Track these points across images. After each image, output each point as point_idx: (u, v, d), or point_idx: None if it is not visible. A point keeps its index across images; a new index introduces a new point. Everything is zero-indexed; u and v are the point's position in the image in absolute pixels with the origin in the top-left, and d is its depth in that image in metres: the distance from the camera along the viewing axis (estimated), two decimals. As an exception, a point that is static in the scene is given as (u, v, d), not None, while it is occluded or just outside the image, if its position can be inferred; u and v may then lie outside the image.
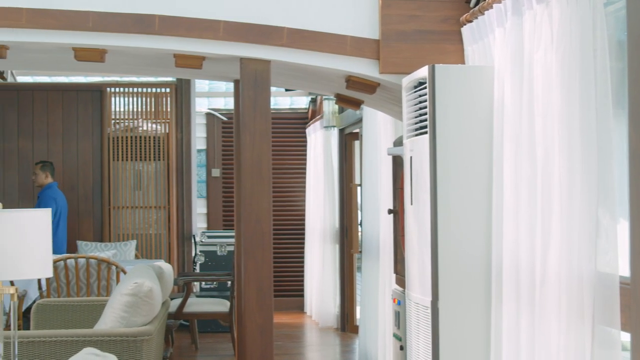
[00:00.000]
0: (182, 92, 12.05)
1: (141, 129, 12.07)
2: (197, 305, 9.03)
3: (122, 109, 12.07)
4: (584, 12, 3.68)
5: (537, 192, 3.97)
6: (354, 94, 6.15)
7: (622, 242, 3.61)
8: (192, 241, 11.92)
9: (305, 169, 12.68)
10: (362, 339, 8.78)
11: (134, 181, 12.02)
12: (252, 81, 5.47)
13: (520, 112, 4.22)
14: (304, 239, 12.59)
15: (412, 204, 4.95)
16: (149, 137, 12.07)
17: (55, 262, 8.00)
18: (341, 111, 10.93)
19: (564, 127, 3.74)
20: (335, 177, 11.27)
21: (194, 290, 11.11)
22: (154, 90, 12.08)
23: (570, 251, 3.66)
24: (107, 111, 11.96)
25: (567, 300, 3.66)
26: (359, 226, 10.49)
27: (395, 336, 5.63)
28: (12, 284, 6.57)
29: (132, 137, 12.04)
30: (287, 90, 11.72)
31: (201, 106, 13.05)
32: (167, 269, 6.95)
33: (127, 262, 9.78)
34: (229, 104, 13.07)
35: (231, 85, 6.88)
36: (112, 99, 12.05)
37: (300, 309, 12.65)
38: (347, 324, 10.89)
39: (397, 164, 5.73)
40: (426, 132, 4.69)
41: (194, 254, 11.77)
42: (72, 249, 11.38)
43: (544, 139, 3.91)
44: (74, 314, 6.79)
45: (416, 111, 4.86)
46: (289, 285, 12.79)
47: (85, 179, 11.90)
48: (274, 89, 11.55)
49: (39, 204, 10.60)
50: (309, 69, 5.63)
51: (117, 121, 12.05)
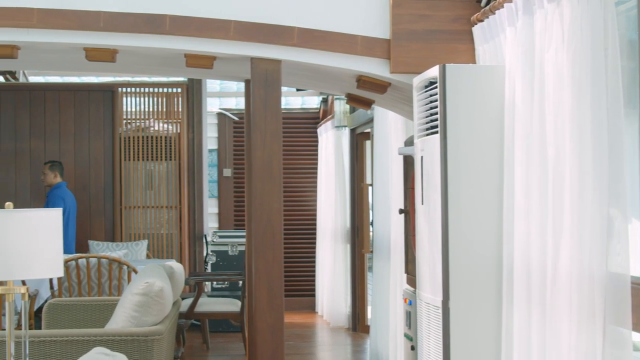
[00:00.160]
0: (193, 92, 12.05)
1: (152, 129, 12.08)
2: (209, 305, 9.03)
3: (133, 109, 12.08)
4: (595, 12, 3.67)
5: (548, 191, 3.96)
6: (365, 93, 6.15)
7: (634, 242, 3.60)
8: (204, 241, 11.92)
9: (316, 168, 12.68)
10: (373, 338, 8.77)
11: (146, 181, 12.03)
12: (262, 81, 5.47)
13: (531, 111, 4.20)
14: (315, 238, 12.59)
15: (422, 204, 4.95)
16: (161, 137, 12.08)
17: (66, 261, 8.01)
18: (352, 111, 10.92)
19: (575, 126, 3.73)
20: (346, 176, 11.27)
21: (206, 290, 11.12)
22: (166, 90, 12.09)
23: (581, 251, 3.65)
24: (118, 111, 11.97)
25: (578, 300, 3.65)
26: (370, 226, 10.48)
27: (406, 336, 5.63)
28: (23, 283, 6.59)
29: (143, 137, 12.05)
30: (298, 90, 11.73)
31: (212, 106, 13.06)
32: (178, 268, 6.95)
33: (139, 262, 9.78)
34: (240, 103, 13.08)
35: (242, 84, 6.88)
36: (124, 99, 12.06)
37: (311, 308, 12.65)
38: (358, 324, 10.88)
39: (408, 163, 5.72)
40: (437, 132, 4.68)
41: (205, 254, 11.78)
42: (84, 249, 11.39)
43: (555, 139, 3.90)
44: (85, 314, 6.79)
45: (427, 111, 4.85)
46: (301, 285, 12.79)
47: (96, 179, 11.91)
48: (285, 89, 11.55)
49: (48, 204, 10.61)
50: (319, 68, 5.63)
51: (129, 121, 12.06)
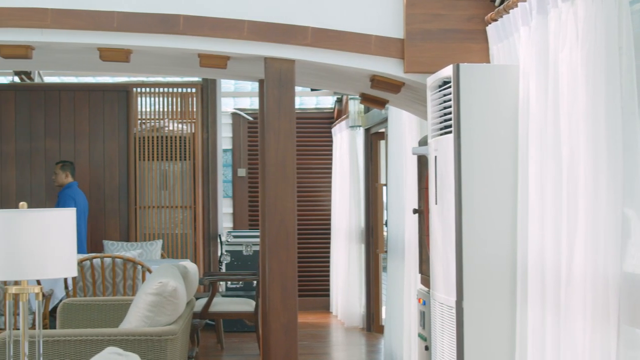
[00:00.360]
0: (207, 92, 12.07)
1: (167, 128, 12.10)
2: (223, 304, 9.04)
3: (148, 109, 12.11)
4: (610, 11, 3.65)
5: (563, 191, 3.94)
6: (379, 93, 6.14)
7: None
8: (218, 241, 11.93)
9: (331, 168, 12.68)
10: (387, 339, 8.76)
11: (160, 181, 12.05)
12: (276, 81, 5.47)
13: (545, 111, 4.19)
14: (329, 238, 12.59)
15: (436, 204, 4.94)
16: (175, 137, 12.10)
17: (81, 261, 8.03)
18: (367, 111, 10.92)
19: (589, 126, 3.72)
20: (360, 176, 11.26)
21: (220, 290, 11.13)
22: (180, 90, 12.11)
23: (595, 251, 3.64)
24: (133, 111, 12.00)
25: (593, 300, 3.63)
26: (385, 226, 10.47)
27: (420, 336, 5.62)
28: (38, 283, 6.60)
29: (158, 137, 12.07)
30: (312, 90, 11.73)
31: (227, 106, 13.07)
32: (192, 268, 6.96)
33: (153, 262, 9.80)
34: (255, 103, 13.09)
35: (257, 84, 6.88)
36: (138, 99, 12.09)
37: (326, 308, 12.64)
38: (372, 324, 10.87)
39: (422, 163, 5.71)
40: (451, 132, 4.67)
41: (219, 254, 11.79)
42: (99, 249, 11.43)
43: (570, 138, 3.89)
44: (100, 314, 6.81)
45: (441, 110, 4.84)
46: (315, 285, 12.79)
47: (111, 179, 11.94)
48: (299, 89, 11.57)
49: (59, 204, 10.63)
50: (333, 68, 5.62)
51: (143, 121, 12.09)
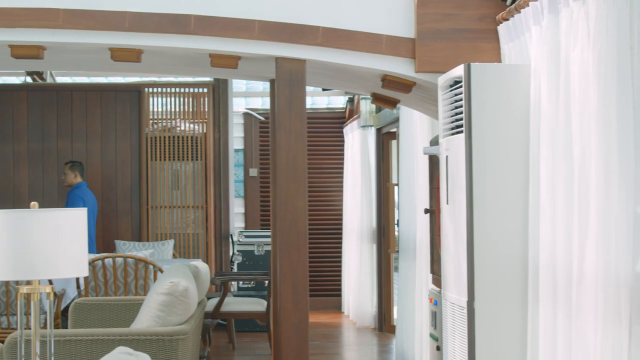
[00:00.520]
0: (219, 92, 12.08)
1: (179, 128, 12.12)
2: (234, 304, 9.04)
3: (160, 109, 12.12)
4: (621, 10, 3.64)
5: (574, 191, 3.93)
6: (390, 93, 6.13)
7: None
8: (230, 241, 11.94)
9: (342, 168, 12.67)
10: (399, 339, 8.75)
11: (172, 181, 12.07)
12: (287, 80, 5.47)
13: (556, 110, 4.18)
14: (341, 238, 12.59)
15: (447, 204, 4.93)
16: (187, 137, 12.11)
17: (93, 261, 8.04)
18: (378, 110, 10.91)
19: (600, 125, 3.70)
20: (372, 176, 11.25)
21: (232, 289, 11.14)
22: (192, 90, 12.12)
23: (607, 251, 3.63)
24: (145, 111, 12.01)
25: (604, 300, 3.62)
26: (396, 226, 10.46)
27: (431, 336, 5.61)
28: (50, 283, 6.62)
29: (169, 137, 12.08)
30: (324, 89, 11.71)
31: (239, 106, 13.08)
32: (203, 268, 6.96)
33: (165, 262, 9.81)
34: (266, 103, 13.10)
35: (268, 84, 6.88)
36: (150, 99, 12.10)
37: (337, 308, 12.64)
38: (384, 324, 10.87)
39: (434, 163, 5.70)
40: (462, 131, 4.66)
41: (231, 254, 11.79)
42: (110, 249, 11.45)
43: (581, 138, 3.88)
44: (111, 313, 6.82)
45: (452, 110, 4.83)
46: (327, 285, 12.78)
47: (123, 179, 11.96)
48: (311, 89, 11.57)
49: (67, 204, 10.64)
50: (344, 68, 5.62)
51: (155, 121, 12.10)
